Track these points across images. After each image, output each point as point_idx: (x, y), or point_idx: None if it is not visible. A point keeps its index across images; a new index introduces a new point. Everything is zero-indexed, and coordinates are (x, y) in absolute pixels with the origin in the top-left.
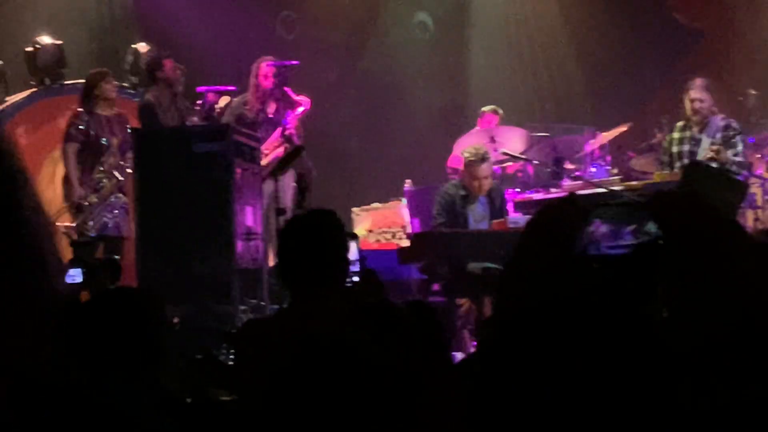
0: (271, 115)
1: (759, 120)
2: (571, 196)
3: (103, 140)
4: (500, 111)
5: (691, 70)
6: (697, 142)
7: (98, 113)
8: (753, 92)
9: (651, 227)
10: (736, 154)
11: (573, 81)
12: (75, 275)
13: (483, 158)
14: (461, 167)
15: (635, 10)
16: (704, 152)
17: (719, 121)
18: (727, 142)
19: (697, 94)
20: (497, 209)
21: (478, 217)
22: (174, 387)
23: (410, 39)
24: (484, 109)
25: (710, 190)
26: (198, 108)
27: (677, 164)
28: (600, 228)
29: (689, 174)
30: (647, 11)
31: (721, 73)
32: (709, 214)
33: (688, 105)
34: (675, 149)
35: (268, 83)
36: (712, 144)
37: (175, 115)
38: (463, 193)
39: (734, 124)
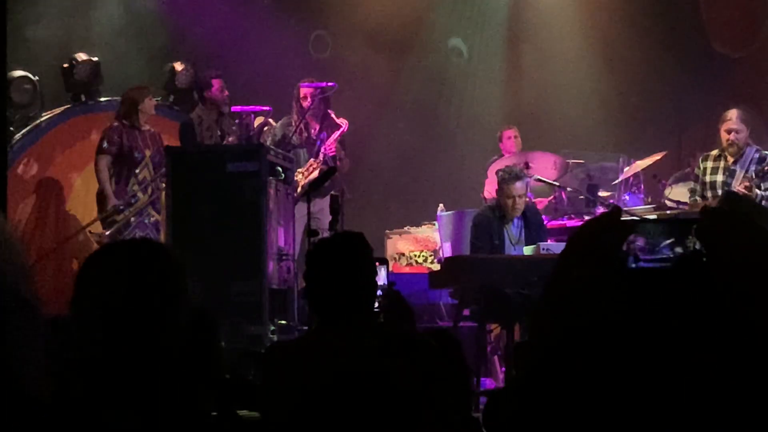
0: (314, 137)
1: None
2: (616, 209)
3: (137, 153)
4: (515, 128)
5: (729, 100)
6: (731, 173)
7: (133, 128)
8: None
9: (689, 242)
10: (765, 188)
11: (609, 108)
12: None
13: (517, 176)
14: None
15: (674, 38)
16: (736, 183)
17: (753, 152)
18: (761, 176)
19: (734, 125)
20: (533, 232)
21: (513, 240)
22: (202, 406)
23: (446, 63)
24: (501, 130)
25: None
26: (235, 128)
27: (709, 194)
28: (636, 241)
29: (725, 203)
30: (686, 39)
31: (761, 102)
32: (758, 235)
33: (724, 135)
34: (708, 179)
35: (308, 104)
36: (745, 177)
37: (217, 135)
38: (499, 214)
39: None
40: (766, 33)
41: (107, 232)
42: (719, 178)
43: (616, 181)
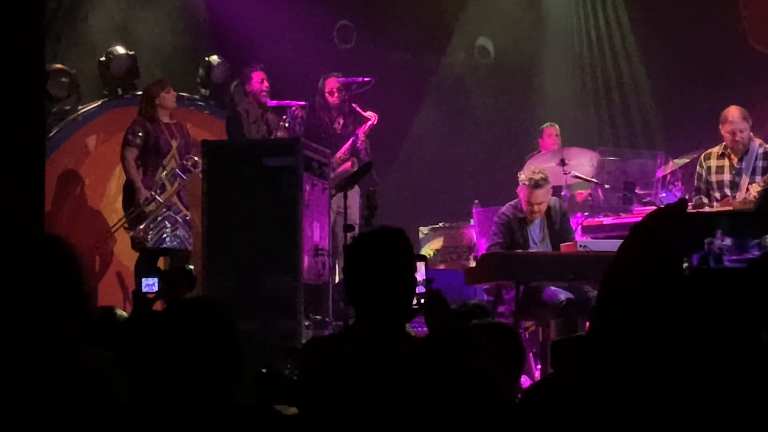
0: (339, 131)
1: None
2: (683, 201)
3: (163, 144)
4: (557, 126)
5: (765, 98)
6: (738, 171)
7: (157, 121)
8: None
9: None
10: None
11: (646, 106)
12: (152, 284)
13: (537, 184)
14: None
15: (712, 36)
16: (746, 182)
17: (757, 148)
18: None
19: (738, 124)
20: (557, 229)
21: (537, 239)
22: (239, 400)
23: (476, 60)
24: (542, 126)
25: None
26: (283, 123)
27: (717, 194)
28: (723, 241)
29: (765, 200)
30: (722, 37)
31: None
32: None
33: (728, 137)
34: (714, 178)
35: (334, 99)
36: (763, 181)
37: (263, 128)
38: (520, 215)
39: None
40: None
41: (141, 226)
42: (726, 177)
43: (653, 179)
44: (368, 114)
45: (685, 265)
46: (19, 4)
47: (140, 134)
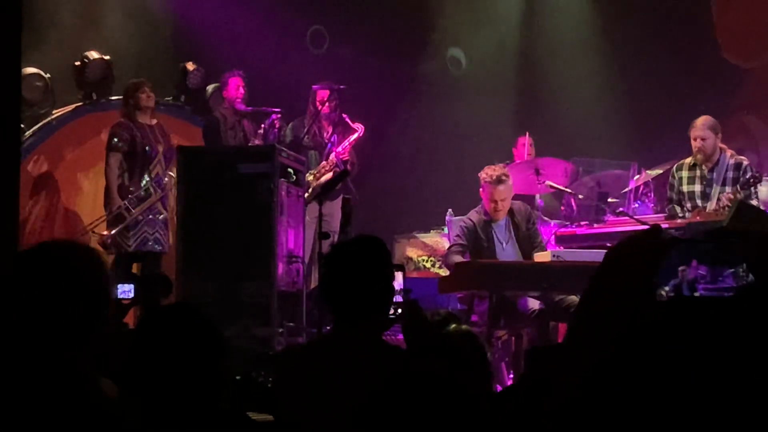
0: (327, 140)
1: None
2: (656, 228)
3: (149, 149)
4: (530, 135)
5: (739, 110)
6: (708, 182)
7: (141, 123)
8: None
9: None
10: (748, 197)
11: (620, 116)
12: (128, 290)
13: (499, 180)
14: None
15: (686, 49)
16: (717, 192)
17: (728, 159)
18: (745, 188)
19: (699, 131)
20: (523, 230)
21: (503, 239)
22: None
23: (449, 70)
24: (517, 136)
25: (757, 230)
26: (261, 131)
27: (688, 204)
28: (698, 269)
29: (737, 213)
30: (698, 50)
31: None
32: None
33: (692, 143)
34: (686, 188)
35: (325, 108)
36: (732, 192)
37: (240, 135)
38: (485, 218)
39: (746, 164)
40: None
41: (110, 232)
42: (697, 188)
43: (626, 189)
44: (356, 125)
45: (662, 292)
46: None
47: (125, 137)
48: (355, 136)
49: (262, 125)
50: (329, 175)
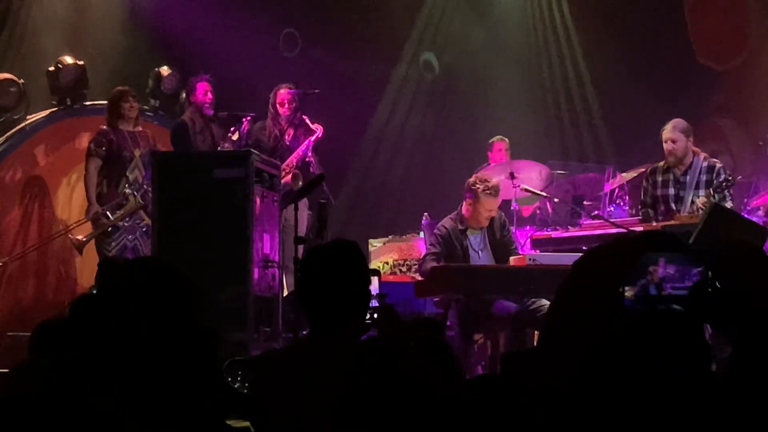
0: (288, 143)
1: None
2: (627, 235)
3: (126, 153)
4: (506, 140)
5: (713, 113)
6: (682, 185)
7: (121, 129)
8: None
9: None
10: (722, 200)
11: (594, 120)
12: None
13: (497, 191)
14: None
15: (660, 52)
16: (691, 195)
17: (702, 161)
18: (719, 191)
19: (669, 134)
20: (498, 238)
21: (477, 247)
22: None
23: (422, 75)
24: (492, 139)
25: (732, 233)
26: (231, 135)
27: (662, 208)
28: (666, 269)
29: (712, 216)
30: (672, 53)
31: (746, 116)
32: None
33: (664, 146)
34: (660, 192)
35: (285, 110)
36: (705, 195)
37: (209, 139)
38: (461, 227)
39: (719, 166)
40: (750, 47)
41: (85, 237)
42: (671, 191)
43: (601, 193)
44: (315, 126)
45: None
46: None
47: (103, 143)
48: (315, 136)
49: (232, 129)
50: (287, 178)
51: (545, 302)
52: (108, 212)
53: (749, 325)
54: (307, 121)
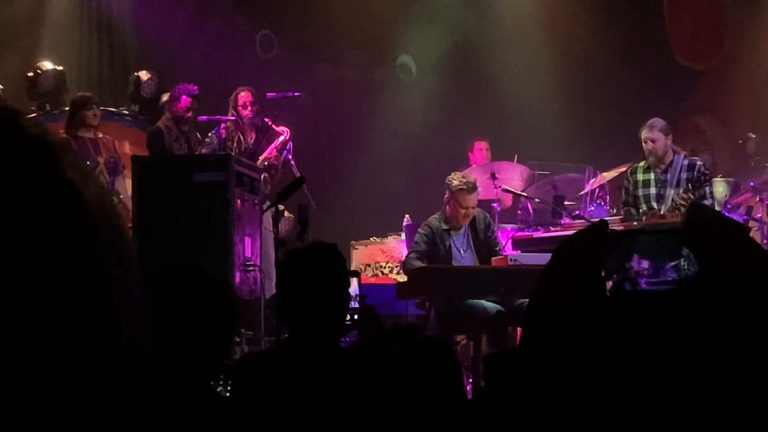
0: (251, 146)
1: (759, 164)
2: (602, 222)
3: (89, 162)
4: (486, 140)
5: (692, 112)
6: (663, 183)
7: (81, 136)
8: (752, 136)
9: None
10: (702, 197)
11: (574, 120)
12: None
13: (474, 187)
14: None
15: (639, 51)
16: (672, 194)
17: (682, 160)
18: (695, 186)
19: (648, 133)
20: (482, 238)
21: (461, 248)
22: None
23: (401, 76)
24: (473, 140)
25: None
26: (208, 140)
27: (644, 206)
28: (640, 264)
29: (693, 214)
30: (651, 52)
31: (726, 115)
32: (752, 245)
33: (644, 146)
34: (641, 192)
35: (247, 113)
36: (684, 192)
37: (185, 145)
38: (445, 227)
39: (699, 164)
40: (728, 46)
41: None
42: (651, 190)
43: (582, 193)
44: (280, 129)
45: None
46: None
47: None
48: (281, 139)
49: (209, 134)
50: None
51: (527, 300)
52: None
53: (723, 309)
54: (271, 124)
